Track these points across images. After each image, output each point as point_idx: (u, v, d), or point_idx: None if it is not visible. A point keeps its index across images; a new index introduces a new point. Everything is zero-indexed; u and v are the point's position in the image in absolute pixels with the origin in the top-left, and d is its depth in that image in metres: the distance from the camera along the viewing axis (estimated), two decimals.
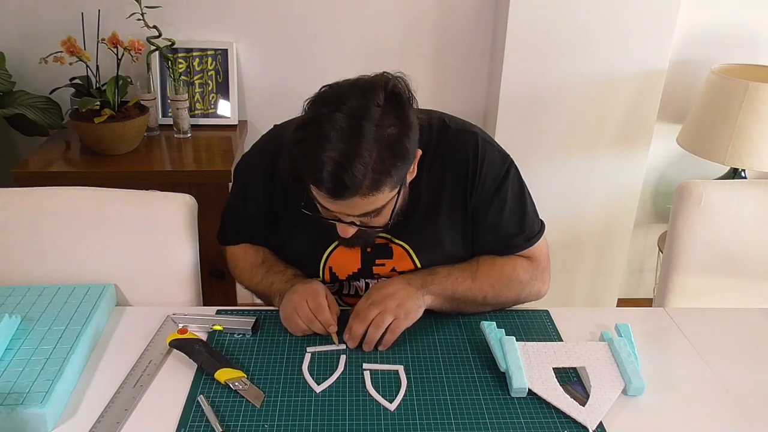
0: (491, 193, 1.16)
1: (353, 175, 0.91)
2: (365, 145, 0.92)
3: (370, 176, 0.93)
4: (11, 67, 2.03)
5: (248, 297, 1.27)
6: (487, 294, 1.16)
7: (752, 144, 1.89)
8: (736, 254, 1.36)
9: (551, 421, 0.95)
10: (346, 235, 1.06)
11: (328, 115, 0.93)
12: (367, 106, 0.93)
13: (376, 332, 1.07)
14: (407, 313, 1.08)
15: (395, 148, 0.95)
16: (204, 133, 2.10)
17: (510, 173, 1.17)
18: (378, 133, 0.93)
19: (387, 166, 0.94)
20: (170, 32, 2.02)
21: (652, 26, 1.97)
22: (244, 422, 0.94)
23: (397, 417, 0.95)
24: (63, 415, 0.94)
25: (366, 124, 0.92)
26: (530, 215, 1.21)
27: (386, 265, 1.19)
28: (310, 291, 1.11)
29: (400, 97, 0.97)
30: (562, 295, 2.36)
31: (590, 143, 2.13)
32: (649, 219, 2.48)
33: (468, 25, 2.12)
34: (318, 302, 1.09)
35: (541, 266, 1.22)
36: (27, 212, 1.23)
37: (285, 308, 1.13)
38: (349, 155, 0.91)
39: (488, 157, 1.15)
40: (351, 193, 0.93)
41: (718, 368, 1.08)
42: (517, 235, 1.20)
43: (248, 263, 1.25)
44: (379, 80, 0.97)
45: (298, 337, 1.11)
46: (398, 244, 1.18)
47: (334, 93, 0.96)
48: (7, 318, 1.04)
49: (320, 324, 1.09)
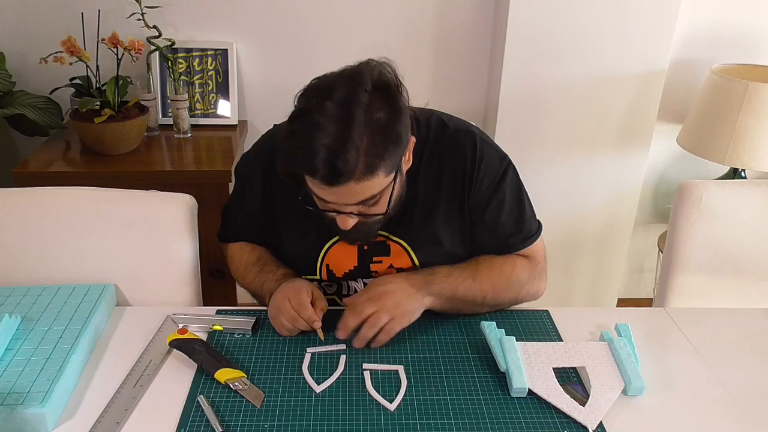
0: (489, 192, 1.16)
1: (346, 161, 0.92)
2: (356, 130, 0.92)
3: (362, 160, 0.94)
4: (11, 67, 2.03)
5: (248, 297, 1.27)
6: (487, 294, 1.16)
7: (752, 144, 1.89)
8: (736, 254, 1.36)
9: (551, 421, 0.95)
10: (347, 226, 1.05)
11: (317, 104, 0.94)
12: (355, 92, 0.94)
13: (370, 332, 1.07)
14: (404, 314, 1.08)
15: (386, 132, 0.96)
16: (204, 133, 2.10)
17: (508, 173, 1.17)
18: (367, 117, 0.94)
19: (379, 150, 0.95)
20: (170, 32, 2.02)
21: (652, 26, 1.97)
22: (244, 422, 0.94)
23: (397, 417, 0.95)
24: (63, 415, 0.94)
25: (355, 109, 0.93)
26: (528, 215, 1.21)
27: (383, 262, 1.19)
28: (292, 289, 1.11)
29: (387, 84, 0.98)
30: (562, 295, 2.36)
31: (590, 143, 2.13)
32: (649, 219, 2.48)
33: (468, 25, 2.13)
34: (300, 299, 1.09)
35: (539, 266, 1.23)
36: (27, 212, 1.23)
37: (270, 308, 1.13)
38: (341, 140, 0.92)
39: (486, 157, 1.15)
40: (345, 178, 0.94)
41: (718, 368, 1.08)
42: (514, 235, 1.20)
43: (243, 261, 1.25)
44: (364, 67, 0.98)
45: (298, 337, 1.11)
46: (396, 242, 1.18)
47: (321, 84, 0.98)
48: (7, 318, 1.04)
49: (304, 321, 1.09)
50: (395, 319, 1.07)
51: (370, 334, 1.07)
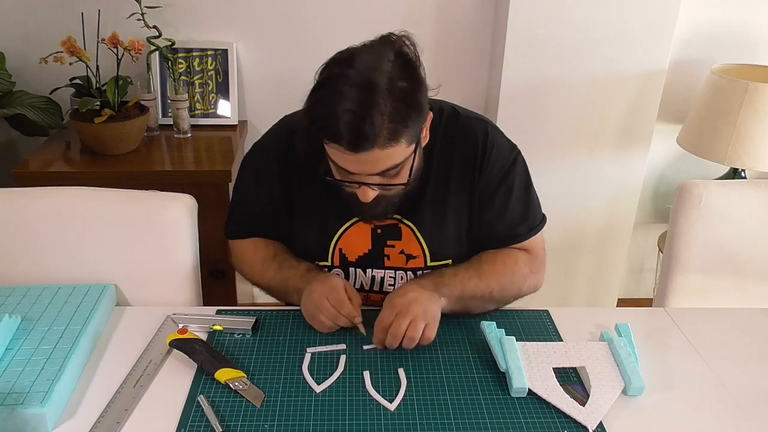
0: (499, 178, 1.18)
1: (372, 125, 0.94)
2: (380, 96, 0.94)
3: (387, 126, 0.95)
4: (11, 67, 2.03)
5: (248, 297, 1.27)
6: (493, 289, 1.17)
7: (752, 144, 1.89)
8: (736, 254, 1.36)
9: (551, 421, 0.95)
10: (367, 198, 1.05)
11: (339, 73, 0.96)
12: (378, 61, 0.97)
13: (411, 345, 1.06)
14: (434, 317, 1.08)
15: (409, 99, 0.98)
16: (204, 133, 2.10)
17: (518, 161, 1.20)
18: (390, 85, 0.96)
19: (403, 117, 0.97)
20: (170, 32, 2.02)
21: (652, 26, 1.97)
22: (244, 422, 0.94)
23: (397, 417, 0.95)
24: (63, 415, 0.94)
25: (379, 76, 0.95)
26: (534, 205, 1.23)
27: (396, 246, 1.20)
28: (328, 287, 1.11)
29: (407, 55, 1.01)
30: (562, 295, 2.36)
31: (590, 143, 2.13)
32: (649, 219, 2.48)
33: (468, 25, 2.13)
34: (338, 296, 1.10)
35: (538, 259, 1.24)
36: (27, 212, 1.23)
37: (307, 308, 1.13)
38: (366, 105, 0.94)
39: (497, 143, 1.18)
40: (370, 143, 0.95)
41: (718, 368, 1.08)
42: (521, 224, 1.21)
43: (259, 258, 1.24)
44: (386, 39, 1.01)
45: (298, 337, 1.11)
46: (407, 225, 1.19)
47: (343, 55, 1.00)
48: (7, 318, 1.04)
49: (345, 318, 1.10)
50: (429, 324, 1.07)
51: (412, 346, 1.06)
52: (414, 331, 1.05)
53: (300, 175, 1.18)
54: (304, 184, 1.18)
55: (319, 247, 1.21)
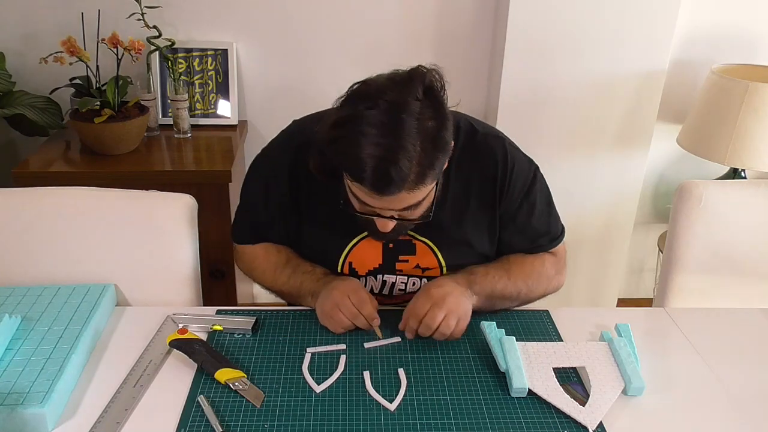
0: (521, 196, 1.19)
1: (400, 170, 0.91)
2: (409, 139, 0.92)
3: (415, 170, 0.93)
4: (11, 67, 2.03)
5: (248, 297, 1.27)
6: (521, 290, 1.18)
7: (752, 144, 1.89)
8: (736, 254, 1.36)
9: (551, 421, 0.95)
10: (386, 229, 1.06)
11: (366, 111, 0.92)
12: (406, 101, 0.93)
13: (441, 338, 1.08)
14: (466, 313, 1.09)
15: (436, 140, 0.95)
16: (204, 133, 2.10)
17: (537, 177, 1.21)
18: (419, 126, 0.93)
19: (430, 159, 0.95)
20: (170, 32, 2.02)
21: (652, 26, 1.97)
22: (244, 422, 0.94)
23: (397, 417, 0.95)
24: (63, 415, 0.94)
25: (407, 117, 0.92)
26: (554, 217, 1.25)
27: (410, 261, 1.20)
28: (350, 287, 1.12)
29: (436, 91, 0.98)
30: (562, 295, 2.34)
31: (590, 143, 2.13)
32: (649, 219, 2.48)
33: (468, 25, 2.12)
34: (360, 297, 1.10)
35: (562, 260, 1.27)
36: (27, 212, 1.23)
37: (324, 305, 1.12)
38: (394, 150, 0.91)
39: (517, 163, 1.18)
40: (398, 188, 0.94)
41: (718, 368, 1.08)
42: (543, 236, 1.23)
43: (271, 263, 1.23)
44: (415, 74, 0.97)
45: (298, 337, 1.11)
46: (422, 241, 1.18)
47: (370, 89, 0.95)
48: (7, 318, 1.04)
49: (364, 318, 1.10)
50: (461, 319, 1.08)
51: (441, 339, 1.08)
52: (447, 327, 1.06)
53: (309, 186, 1.16)
54: (313, 196, 1.17)
55: (328, 258, 1.20)
